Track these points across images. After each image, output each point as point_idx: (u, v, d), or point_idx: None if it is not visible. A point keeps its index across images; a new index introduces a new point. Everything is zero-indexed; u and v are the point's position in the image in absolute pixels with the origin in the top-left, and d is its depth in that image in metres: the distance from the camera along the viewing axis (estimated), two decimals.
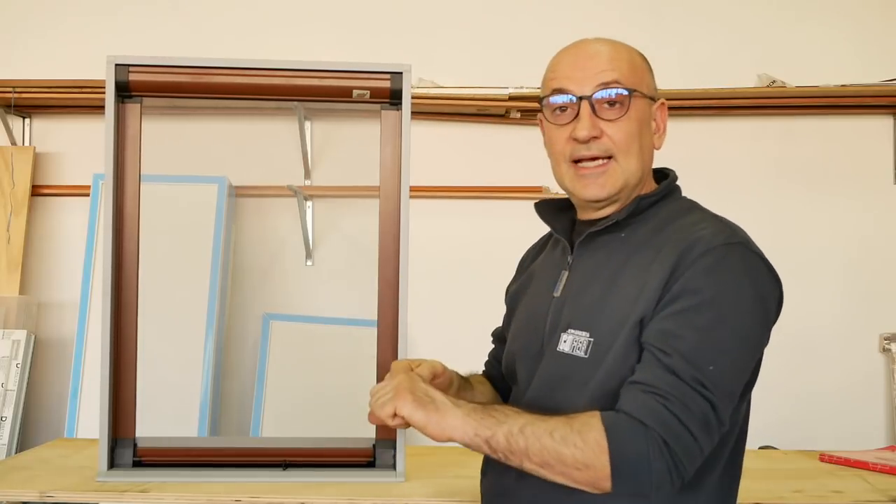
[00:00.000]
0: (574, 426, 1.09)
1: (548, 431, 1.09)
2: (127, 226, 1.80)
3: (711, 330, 1.11)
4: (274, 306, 2.87)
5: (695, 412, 1.08)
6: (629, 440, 1.07)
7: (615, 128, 1.23)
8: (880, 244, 2.90)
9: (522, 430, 1.10)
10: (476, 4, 2.94)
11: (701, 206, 1.28)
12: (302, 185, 2.87)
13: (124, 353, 1.79)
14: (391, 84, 1.79)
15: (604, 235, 1.26)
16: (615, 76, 1.23)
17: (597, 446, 1.07)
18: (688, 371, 1.09)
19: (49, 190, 2.92)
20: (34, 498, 1.66)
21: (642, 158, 1.26)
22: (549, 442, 1.09)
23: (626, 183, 1.25)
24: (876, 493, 1.76)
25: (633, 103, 1.23)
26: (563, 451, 1.08)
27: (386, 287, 1.81)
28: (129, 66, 1.76)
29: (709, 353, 1.10)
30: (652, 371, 1.10)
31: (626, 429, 1.07)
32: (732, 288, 1.13)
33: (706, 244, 1.14)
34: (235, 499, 1.65)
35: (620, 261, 1.22)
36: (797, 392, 2.86)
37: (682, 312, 1.12)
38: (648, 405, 1.08)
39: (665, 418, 1.07)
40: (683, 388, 1.08)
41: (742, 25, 2.92)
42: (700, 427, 1.08)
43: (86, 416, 2.64)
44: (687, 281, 1.13)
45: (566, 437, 1.08)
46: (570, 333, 1.21)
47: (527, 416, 1.12)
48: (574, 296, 1.25)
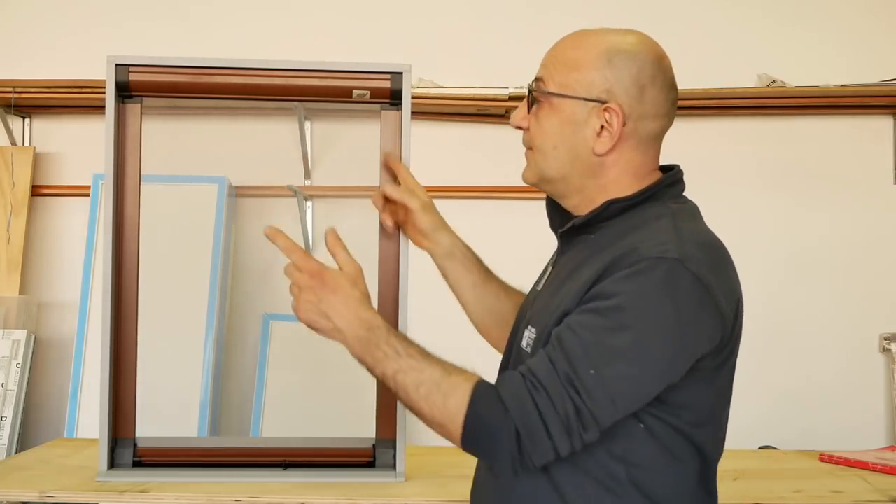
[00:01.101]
0: (442, 386, 1.14)
1: (415, 385, 1.16)
2: (127, 226, 1.80)
3: (609, 335, 1.08)
4: (274, 306, 2.87)
5: (559, 410, 1.08)
6: (486, 417, 1.11)
7: (534, 123, 1.27)
8: (880, 244, 2.90)
9: (394, 377, 1.18)
10: (476, 4, 2.94)
11: (677, 217, 1.19)
12: (302, 185, 2.87)
13: (124, 353, 1.79)
14: (391, 84, 1.79)
15: (580, 235, 1.26)
16: (542, 73, 1.27)
17: (456, 411, 1.12)
18: (565, 367, 1.09)
19: (49, 190, 2.92)
20: (34, 498, 1.66)
21: (558, 159, 1.25)
22: (413, 395, 1.16)
23: (541, 177, 1.29)
24: (876, 493, 1.76)
25: (553, 103, 1.24)
26: (423, 407, 1.15)
27: (386, 287, 1.81)
28: (129, 66, 1.76)
29: (596, 357, 1.08)
30: (539, 358, 1.12)
31: (489, 405, 1.11)
32: (647, 301, 1.09)
33: (639, 254, 1.11)
34: (235, 499, 1.65)
35: (579, 261, 1.22)
36: (797, 392, 2.86)
37: (588, 312, 1.11)
38: (517, 392, 1.10)
39: (527, 409, 1.09)
40: (555, 382, 1.09)
41: (742, 25, 2.92)
42: (558, 427, 1.08)
43: (86, 416, 2.64)
44: (605, 285, 1.11)
45: (429, 396, 1.14)
46: (528, 329, 1.23)
47: (404, 361, 1.18)
48: (543, 292, 1.29)
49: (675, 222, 1.18)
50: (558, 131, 1.24)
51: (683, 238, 1.14)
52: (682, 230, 1.16)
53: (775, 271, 2.87)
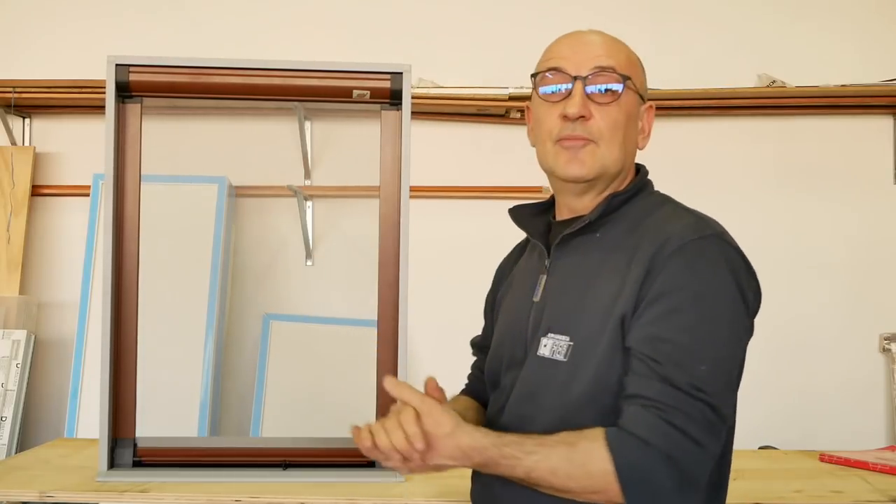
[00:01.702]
0: (575, 459, 1.09)
1: (551, 473, 1.10)
2: (127, 226, 1.80)
3: (697, 328, 1.11)
4: (274, 306, 2.87)
5: (696, 418, 1.08)
6: (635, 462, 1.07)
7: (604, 112, 1.23)
8: (880, 244, 2.90)
9: (529, 477, 1.12)
10: (476, 4, 2.94)
11: (673, 200, 1.28)
12: (302, 185, 2.87)
13: (124, 353, 1.79)
14: (391, 84, 1.80)
15: (579, 237, 1.26)
16: (612, 63, 1.24)
17: (602, 474, 1.08)
18: (682, 377, 1.09)
19: (49, 190, 2.92)
20: (34, 498, 1.66)
21: (625, 150, 1.26)
22: (556, 482, 1.10)
23: (604, 169, 1.24)
24: (876, 493, 1.76)
25: (625, 94, 1.24)
26: (571, 486, 1.10)
27: (386, 287, 1.81)
28: (129, 67, 1.77)
29: (698, 352, 1.10)
30: (648, 383, 1.10)
31: (631, 450, 1.08)
32: (711, 281, 1.13)
33: (679, 240, 1.14)
34: (235, 499, 1.65)
35: (596, 262, 1.22)
36: (797, 392, 2.86)
37: (666, 315, 1.11)
38: (649, 421, 1.08)
39: (667, 432, 1.07)
40: (680, 397, 1.08)
41: (742, 25, 2.92)
42: (703, 431, 1.08)
43: (86, 416, 2.64)
44: (665, 280, 1.12)
45: (570, 474, 1.09)
46: (549, 337, 1.21)
47: (528, 460, 1.11)
48: (553, 299, 1.26)
49: (679, 205, 1.25)
50: (624, 122, 1.25)
51: (699, 216, 1.21)
52: (691, 210, 1.23)
53: (775, 271, 2.87)
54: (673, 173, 2.69)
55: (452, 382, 1.49)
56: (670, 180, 1.44)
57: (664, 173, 1.44)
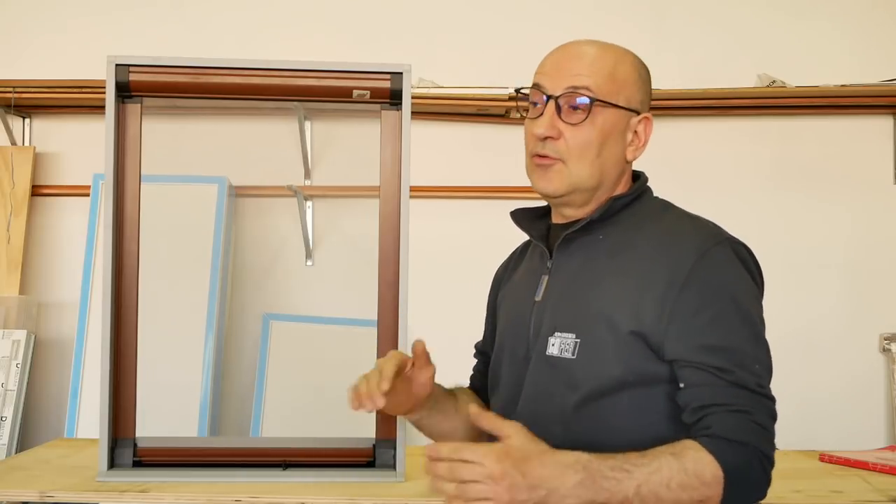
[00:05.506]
0: (688, 468, 1.10)
1: (665, 485, 1.09)
2: (127, 226, 1.80)
3: (741, 330, 1.18)
4: (274, 306, 2.87)
5: (769, 413, 1.16)
6: (740, 464, 1.11)
7: (572, 132, 1.24)
8: (880, 244, 2.90)
9: (638, 492, 1.09)
10: (476, 4, 2.94)
11: (674, 206, 1.32)
12: (302, 185, 2.87)
13: (124, 353, 1.79)
14: (391, 84, 1.80)
15: (581, 238, 1.28)
16: (587, 83, 1.24)
17: (715, 481, 1.11)
18: (750, 379, 1.15)
19: (49, 190, 2.92)
20: (34, 498, 1.66)
21: (601, 167, 1.26)
22: (668, 495, 1.09)
23: (573, 186, 1.26)
24: (876, 493, 1.76)
25: (599, 112, 1.24)
26: (683, 497, 1.10)
27: (386, 287, 1.81)
28: (129, 67, 1.77)
29: (750, 353, 1.17)
30: (723, 390, 1.14)
31: (735, 454, 1.12)
32: (738, 283, 1.20)
33: (700, 250, 1.19)
34: (235, 499, 1.65)
35: (601, 262, 1.24)
36: (797, 392, 2.86)
37: (711, 324, 1.16)
38: (742, 425, 1.13)
39: (758, 431, 1.14)
40: (755, 398, 1.15)
41: (742, 25, 2.92)
42: (772, 422, 1.17)
43: (86, 416, 2.64)
44: (700, 290, 1.17)
45: (684, 484, 1.09)
46: (557, 337, 1.23)
47: (639, 473, 1.09)
48: (557, 299, 1.27)
49: (682, 211, 1.30)
50: (604, 140, 1.25)
51: (704, 222, 1.27)
52: (694, 216, 1.29)
53: (775, 271, 2.85)
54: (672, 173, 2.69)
55: (452, 382, 1.49)
56: (670, 180, 1.44)
57: (664, 173, 1.44)
